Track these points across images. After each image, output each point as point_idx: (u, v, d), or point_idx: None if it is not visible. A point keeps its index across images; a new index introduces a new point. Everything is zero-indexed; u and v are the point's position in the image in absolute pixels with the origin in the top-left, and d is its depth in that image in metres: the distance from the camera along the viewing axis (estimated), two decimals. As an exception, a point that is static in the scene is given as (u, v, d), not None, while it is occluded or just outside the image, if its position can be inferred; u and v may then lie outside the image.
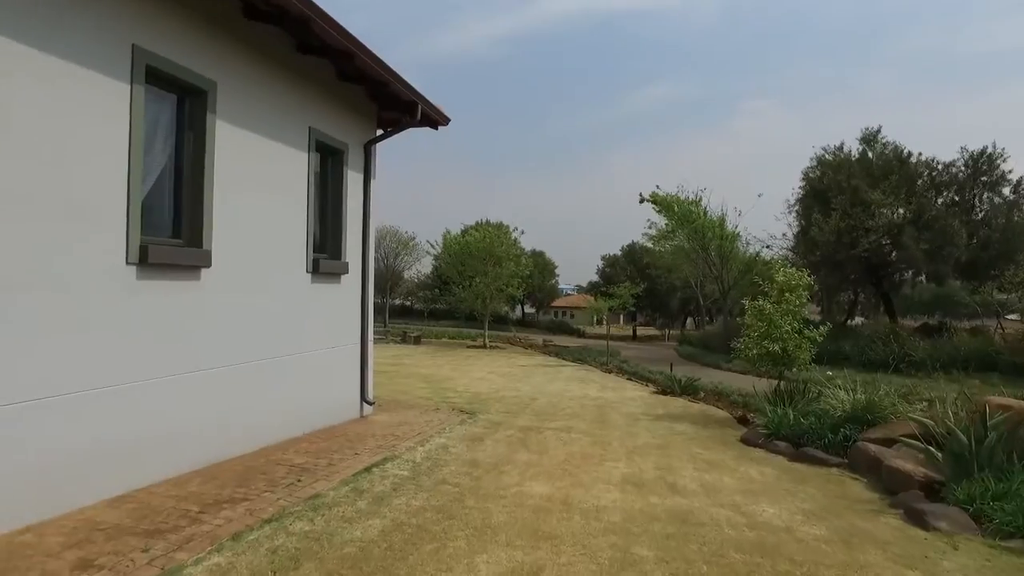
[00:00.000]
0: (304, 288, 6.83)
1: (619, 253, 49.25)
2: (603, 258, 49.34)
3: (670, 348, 36.28)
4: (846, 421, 7.18)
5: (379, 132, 8.52)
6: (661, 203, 22.93)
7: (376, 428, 7.47)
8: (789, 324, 9.06)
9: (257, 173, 5.94)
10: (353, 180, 7.88)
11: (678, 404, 11.41)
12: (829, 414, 7.44)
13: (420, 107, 7.73)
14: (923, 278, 23.54)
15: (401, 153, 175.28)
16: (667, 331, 53.64)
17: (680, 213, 22.44)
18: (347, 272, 7.68)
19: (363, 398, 8.16)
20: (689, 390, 12.63)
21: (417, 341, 26.63)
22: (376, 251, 34.48)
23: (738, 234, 22.78)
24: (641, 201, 24.08)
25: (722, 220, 22.72)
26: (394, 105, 7.97)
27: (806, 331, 9.14)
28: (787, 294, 9.30)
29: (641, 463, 6.43)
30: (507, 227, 26.86)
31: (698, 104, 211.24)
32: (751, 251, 24.14)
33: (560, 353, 23.99)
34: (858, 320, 28.56)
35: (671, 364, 16.51)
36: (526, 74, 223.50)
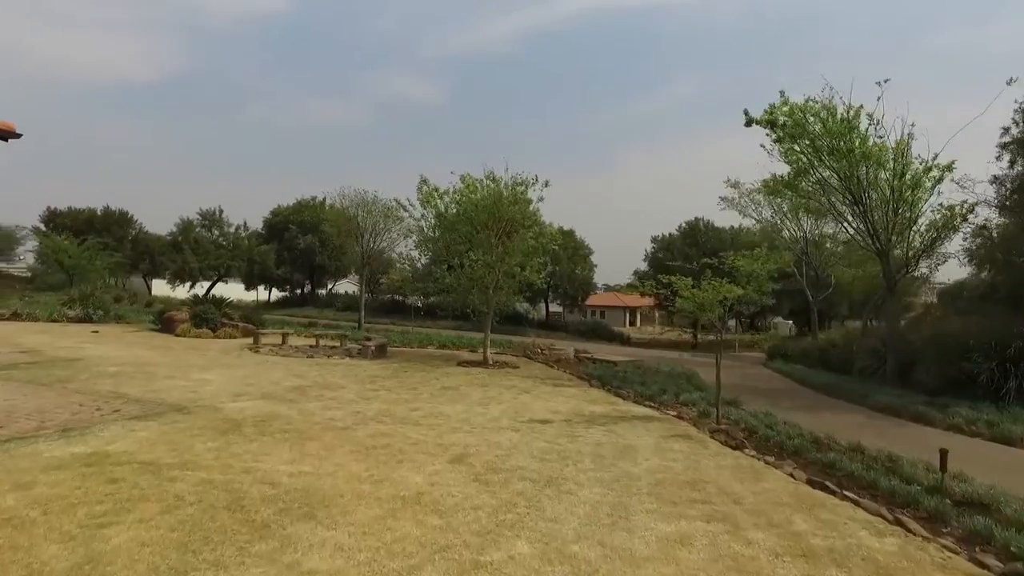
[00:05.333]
0: None
1: (676, 232, 39.54)
2: (654, 240, 39.71)
3: (755, 363, 26.88)
4: None
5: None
6: (789, 122, 13.61)
7: None
8: None
9: None
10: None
11: None
12: None
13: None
14: None
15: (414, 150, 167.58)
16: (724, 337, 43.95)
17: (831, 133, 13.04)
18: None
19: None
20: None
21: (380, 353, 17.65)
22: (352, 230, 25.22)
23: (949, 167, 12.92)
24: (749, 123, 14.74)
25: (905, 146, 13.15)
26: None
27: None
28: None
29: None
30: (524, 179, 17.62)
31: (722, 101, 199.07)
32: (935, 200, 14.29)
33: (605, 378, 14.89)
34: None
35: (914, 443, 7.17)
36: (542, 71, 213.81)
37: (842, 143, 13.72)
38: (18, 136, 14.38)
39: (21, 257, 61.98)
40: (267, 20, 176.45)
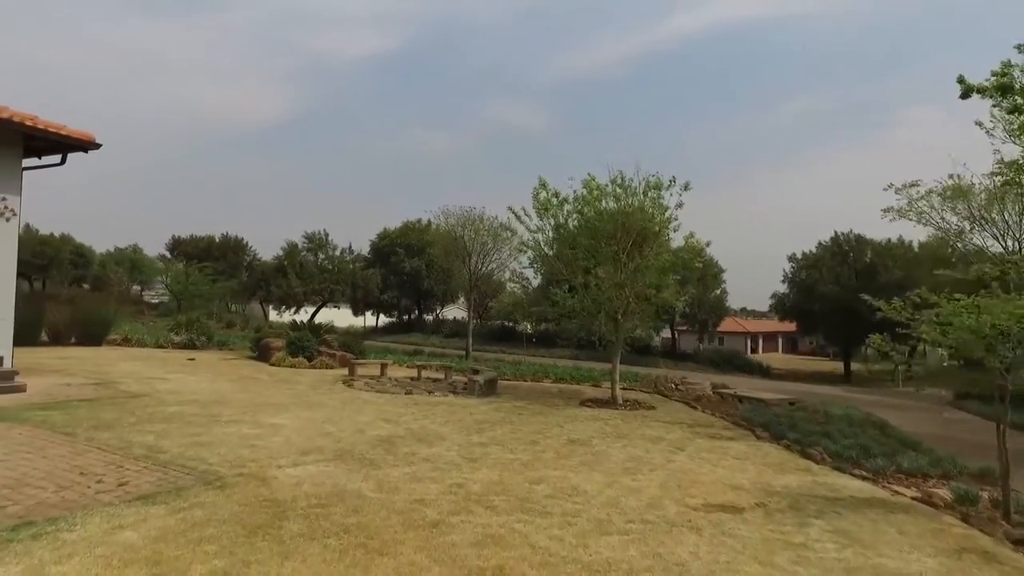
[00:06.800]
0: None
1: (816, 249, 34.66)
2: (792, 259, 35.06)
3: (936, 402, 22.18)
4: None
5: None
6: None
7: None
8: None
9: None
10: None
11: None
12: None
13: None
14: None
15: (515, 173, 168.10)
16: (871, 367, 38.02)
17: None
18: None
19: None
20: None
21: (489, 389, 15.18)
22: (458, 251, 23.33)
23: None
24: (967, 93, 11.12)
25: None
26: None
27: None
28: None
29: None
30: (658, 181, 14.75)
31: (845, 115, 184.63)
32: None
33: (770, 425, 11.69)
34: None
35: None
36: (649, 92, 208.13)
37: None
38: (97, 146, 13.03)
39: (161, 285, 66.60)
40: (382, 59, 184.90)
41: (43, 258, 49.11)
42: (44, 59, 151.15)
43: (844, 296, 29.35)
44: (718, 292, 37.18)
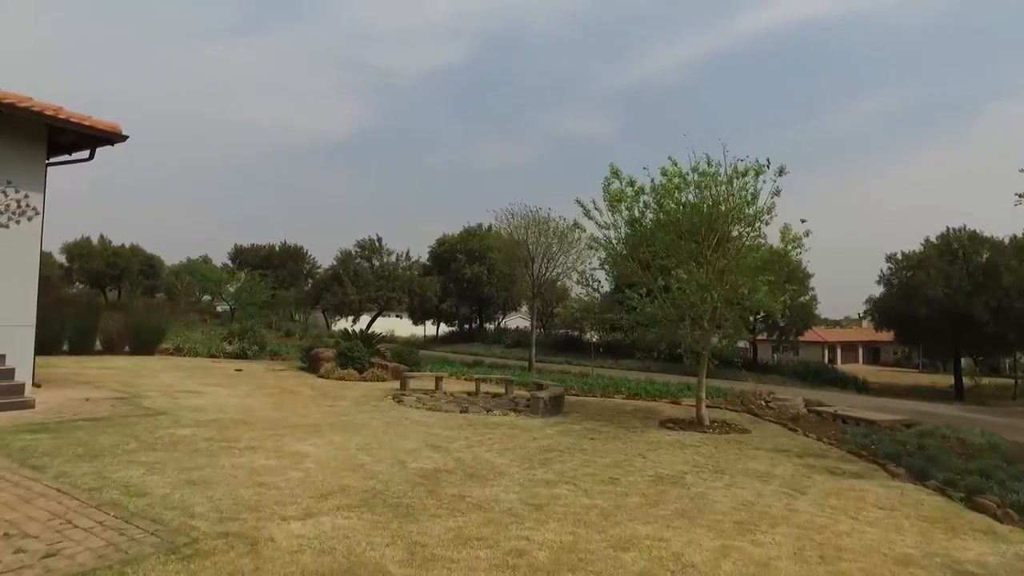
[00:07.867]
0: None
1: (920, 247, 30.96)
2: (891, 259, 31.40)
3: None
4: None
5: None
6: None
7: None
8: None
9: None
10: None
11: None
12: None
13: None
14: None
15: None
16: (977, 380, 33.94)
17: None
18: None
19: None
20: None
21: (555, 407, 13.40)
22: (521, 255, 21.64)
23: None
24: None
25: None
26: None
27: None
28: None
29: None
30: (748, 167, 12.66)
31: (923, 114, 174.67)
32: None
33: (897, 455, 9.75)
34: None
35: None
36: (713, 97, 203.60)
37: None
38: (124, 138, 12.17)
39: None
40: (447, 72, 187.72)
41: (116, 269, 50.40)
42: (116, 82, 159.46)
43: (955, 300, 25.98)
44: (806, 298, 33.87)
